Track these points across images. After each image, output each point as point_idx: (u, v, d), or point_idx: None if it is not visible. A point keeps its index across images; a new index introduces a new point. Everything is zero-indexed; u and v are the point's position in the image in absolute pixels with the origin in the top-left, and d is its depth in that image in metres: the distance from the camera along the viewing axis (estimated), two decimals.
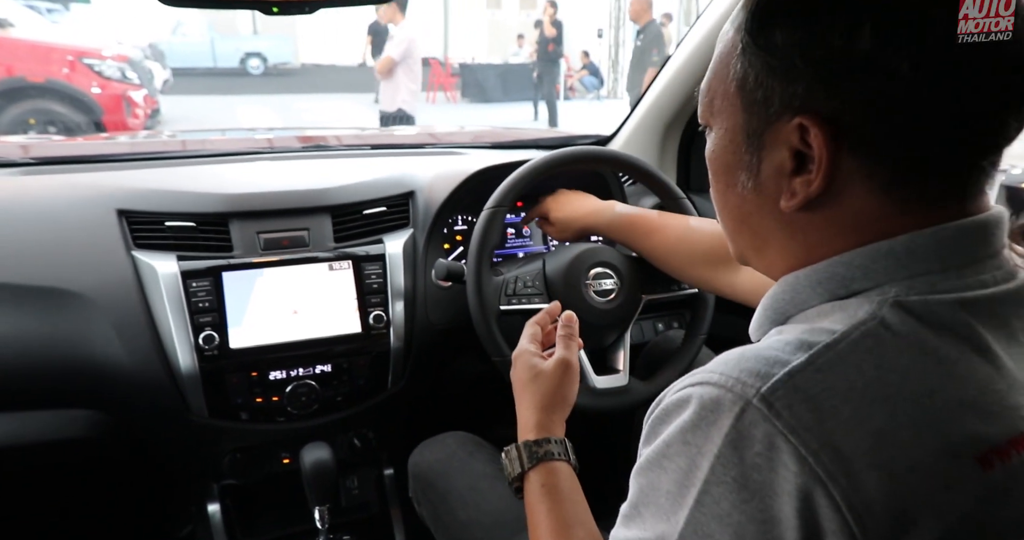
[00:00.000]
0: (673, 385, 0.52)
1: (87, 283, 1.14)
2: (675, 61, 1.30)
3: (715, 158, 0.57)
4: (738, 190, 0.55)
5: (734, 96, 0.53)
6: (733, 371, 0.46)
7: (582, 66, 12.20)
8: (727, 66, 0.53)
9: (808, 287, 0.52)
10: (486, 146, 1.71)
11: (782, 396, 0.44)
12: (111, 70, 7.33)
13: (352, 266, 1.25)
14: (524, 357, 0.90)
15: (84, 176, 1.31)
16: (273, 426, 1.24)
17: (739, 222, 0.58)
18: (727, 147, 0.55)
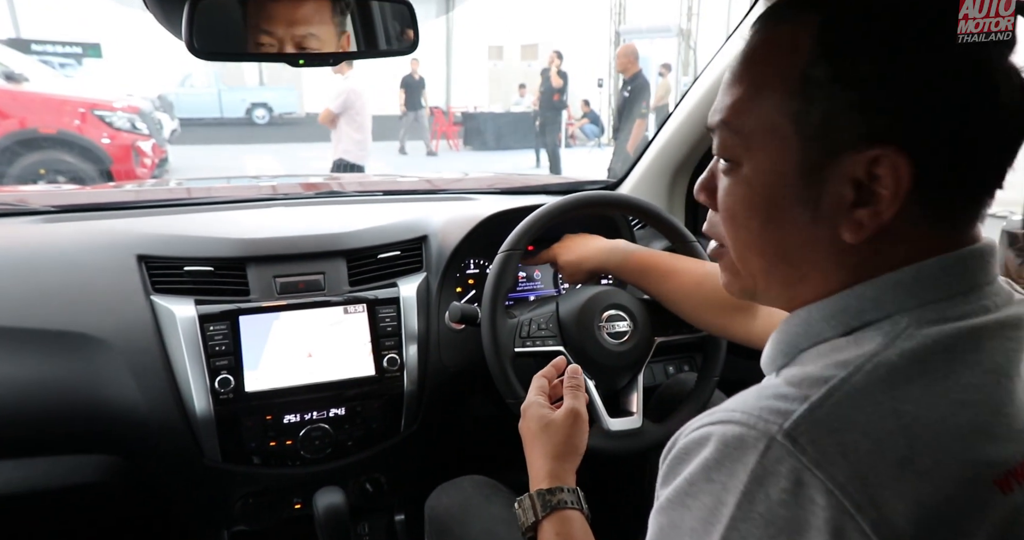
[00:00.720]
0: (688, 425, 0.52)
1: (106, 327, 1.15)
2: (683, 109, 1.34)
3: (751, 194, 0.54)
4: (785, 225, 0.53)
5: (786, 131, 0.51)
6: (753, 409, 0.47)
7: (583, 114, 12.43)
8: (772, 101, 0.51)
9: (821, 320, 0.53)
10: (496, 192, 1.74)
11: (805, 431, 0.44)
12: (121, 121, 7.50)
13: (366, 310, 1.26)
14: (533, 408, 0.93)
15: (104, 223, 1.34)
16: (286, 470, 1.24)
17: (778, 257, 0.55)
18: (771, 182, 0.53)
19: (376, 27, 1.02)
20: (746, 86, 0.53)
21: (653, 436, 1.17)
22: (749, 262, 0.58)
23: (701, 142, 1.36)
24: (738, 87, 0.54)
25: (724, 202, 0.57)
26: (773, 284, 0.58)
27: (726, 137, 0.55)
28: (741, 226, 0.56)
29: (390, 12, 1.00)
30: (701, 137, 1.34)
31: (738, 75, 0.55)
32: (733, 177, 0.55)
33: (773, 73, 0.51)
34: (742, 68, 0.54)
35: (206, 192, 1.65)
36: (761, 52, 0.53)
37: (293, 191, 1.71)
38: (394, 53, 1.02)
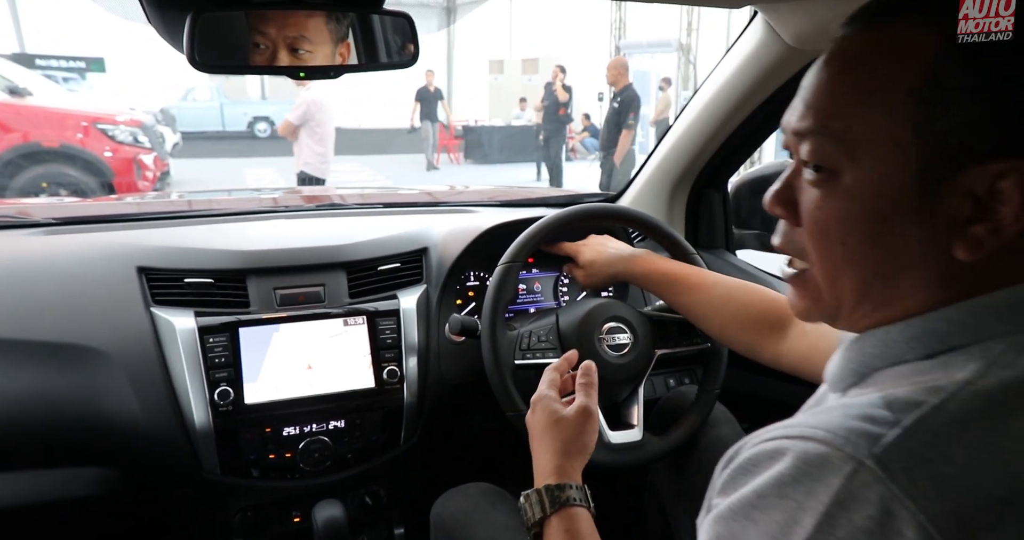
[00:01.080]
0: (755, 436, 0.50)
1: (106, 339, 1.15)
2: (683, 122, 1.35)
3: (853, 207, 0.50)
4: (891, 241, 0.49)
5: (905, 139, 0.47)
6: (838, 428, 0.44)
7: (583, 128, 12.48)
8: (890, 106, 0.47)
9: (902, 342, 0.50)
10: (495, 204, 1.75)
11: (897, 458, 0.42)
12: (124, 135, 7.55)
13: (367, 322, 1.26)
14: (544, 402, 0.92)
15: (105, 235, 1.34)
16: (285, 483, 1.23)
17: (878, 276, 0.51)
18: (880, 194, 0.49)
19: (377, 40, 1.03)
20: (852, 89, 0.49)
21: (654, 449, 1.17)
22: (840, 282, 0.53)
23: (701, 155, 1.36)
24: (840, 89, 0.50)
25: (814, 216, 0.52)
26: (864, 305, 0.53)
27: (821, 144, 0.51)
28: (836, 242, 0.52)
29: (391, 25, 1.00)
30: (701, 150, 1.35)
31: (838, 76, 0.51)
32: (827, 188, 0.51)
33: (891, 76, 0.47)
34: (845, 69, 0.50)
35: (207, 204, 1.66)
36: (873, 53, 0.49)
37: (294, 203, 1.72)
38: (394, 66, 1.02)
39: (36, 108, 7.25)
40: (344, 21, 0.98)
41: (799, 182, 0.54)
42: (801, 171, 0.54)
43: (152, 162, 7.72)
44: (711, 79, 1.25)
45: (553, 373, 0.98)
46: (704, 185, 1.45)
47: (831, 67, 0.52)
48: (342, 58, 0.98)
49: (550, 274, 1.51)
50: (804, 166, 0.53)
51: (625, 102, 6.83)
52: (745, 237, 1.56)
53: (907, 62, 0.47)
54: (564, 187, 9.66)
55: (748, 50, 1.12)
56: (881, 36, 0.49)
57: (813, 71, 0.54)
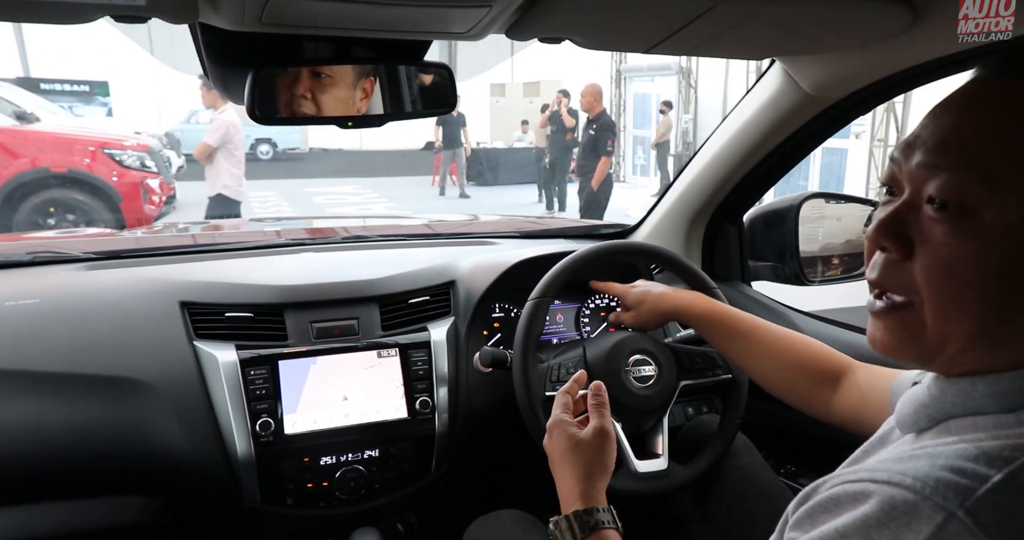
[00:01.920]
0: (835, 476, 0.50)
1: (152, 372, 1.19)
2: (700, 160, 1.41)
3: (992, 248, 0.48)
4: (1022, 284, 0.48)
5: None
6: (928, 478, 0.44)
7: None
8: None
9: (988, 395, 0.50)
10: (516, 236, 1.80)
11: (989, 513, 0.42)
12: (131, 159, 7.62)
13: (399, 353, 1.31)
14: (560, 427, 0.93)
15: (145, 270, 1.39)
16: (320, 511, 1.27)
17: (1002, 322, 0.49)
18: (1018, 236, 0.47)
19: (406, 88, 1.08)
20: (1003, 128, 0.48)
21: (679, 478, 1.21)
22: (954, 324, 0.51)
23: (719, 191, 1.42)
24: (988, 128, 0.49)
25: (938, 254, 0.50)
26: (974, 349, 0.51)
27: (962, 178, 0.49)
28: (961, 283, 0.49)
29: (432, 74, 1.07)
30: (719, 187, 1.41)
31: (986, 117, 0.49)
32: (958, 226, 0.49)
33: None
34: (994, 110, 0.49)
35: (239, 237, 1.71)
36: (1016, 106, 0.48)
37: (322, 236, 1.77)
38: (435, 113, 1.08)
39: (43, 133, 7.34)
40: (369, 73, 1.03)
41: (914, 217, 0.52)
42: (917, 206, 0.52)
43: (158, 186, 7.79)
44: (729, 120, 1.31)
45: (564, 396, 1.00)
46: (721, 219, 1.51)
47: (975, 109, 0.50)
48: (364, 93, 1.04)
49: (572, 306, 1.56)
50: (928, 203, 0.51)
51: (601, 128, 6.83)
52: (759, 269, 1.61)
53: None
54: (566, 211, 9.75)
55: (767, 95, 1.18)
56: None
57: (950, 110, 0.52)
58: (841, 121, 1.18)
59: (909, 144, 0.54)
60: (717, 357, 1.29)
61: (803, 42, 1.02)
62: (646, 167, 12.81)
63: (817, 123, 1.17)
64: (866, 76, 1.04)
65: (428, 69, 1.06)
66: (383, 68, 1.04)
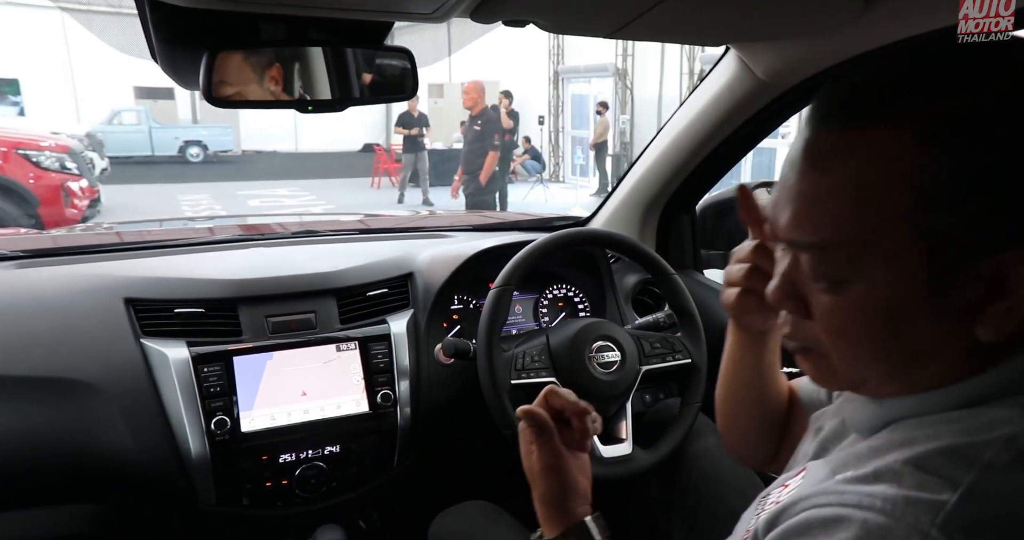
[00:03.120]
0: (808, 498, 0.49)
1: (95, 372, 1.13)
2: (654, 149, 1.43)
3: (869, 310, 0.49)
4: (910, 333, 0.49)
5: (909, 244, 0.46)
6: (896, 499, 0.45)
7: (524, 151, 12.67)
8: (886, 214, 0.47)
9: (939, 404, 0.51)
10: (470, 229, 1.79)
11: (959, 525, 0.43)
12: (49, 161, 7.29)
13: (359, 347, 1.28)
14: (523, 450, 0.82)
15: (85, 266, 1.32)
16: (280, 511, 1.23)
17: (902, 363, 0.51)
18: (894, 295, 0.48)
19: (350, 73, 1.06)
20: (845, 200, 0.48)
21: (644, 461, 1.22)
22: (862, 371, 0.54)
23: (672, 180, 1.44)
24: (828, 203, 0.49)
25: (829, 321, 0.52)
26: (890, 382, 0.53)
27: (825, 259, 0.50)
28: (854, 343, 0.52)
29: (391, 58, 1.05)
30: (673, 175, 1.43)
31: (822, 189, 0.49)
32: (839, 296, 0.51)
33: (878, 186, 0.47)
34: (827, 181, 0.49)
35: (184, 234, 1.64)
36: (858, 160, 0.47)
37: (258, 233, 1.72)
38: (395, 99, 1.07)
39: None
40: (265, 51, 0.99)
41: (801, 277, 0.54)
42: (802, 268, 0.53)
43: (81, 189, 7.45)
44: (683, 109, 1.33)
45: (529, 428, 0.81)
46: (675, 208, 1.53)
47: (809, 171, 0.50)
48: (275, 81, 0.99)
49: (531, 296, 1.56)
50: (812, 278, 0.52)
51: (486, 125, 6.85)
52: (711, 257, 1.65)
53: (894, 167, 0.46)
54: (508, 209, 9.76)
55: (721, 83, 1.20)
56: (862, 143, 0.47)
57: (791, 170, 0.51)
58: (794, 108, 1.21)
59: (775, 205, 0.54)
60: (676, 342, 1.31)
61: (758, 28, 1.04)
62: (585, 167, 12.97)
63: (770, 110, 1.20)
64: (819, 62, 1.07)
65: (388, 53, 1.04)
66: (330, 52, 1.01)
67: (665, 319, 1.39)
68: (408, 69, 1.06)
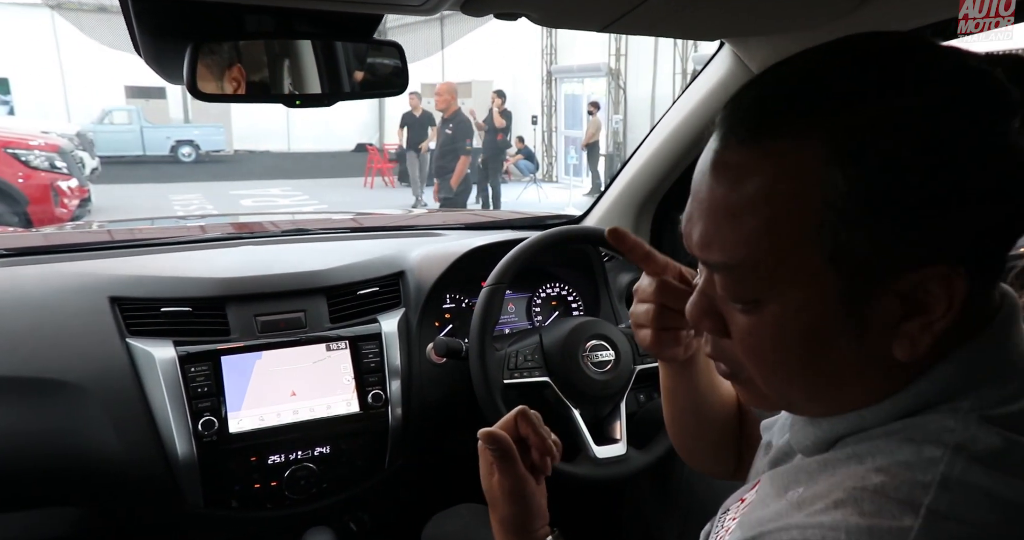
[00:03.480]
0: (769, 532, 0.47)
1: (79, 372, 1.11)
2: (648, 146, 1.41)
3: (783, 332, 0.47)
4: (827, 355, 0.47)
5: (819, 267, 0.44)
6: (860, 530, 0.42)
7: (517, 151, 12.65)
8: (793, 236, 0.44)
9: (877, 423, 0.49)
10: (461, 227, 1.77)
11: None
12: (38, 160, 7.26)
13: (349, 346, 1.26)
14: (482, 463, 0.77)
15: (70, 265, 1.30)
16: (269, 513, 1.21)
17: (820, 385, 0.50)
18: (808, 318, 0.46)
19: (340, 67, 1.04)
20: (749, 220, 0.45)
21: (638, 462, 1.21)
22: (785, 392, 0.52)
23: (667, 178, 1.43)
24: (736, 221, 0.46)
25: (746, 343, 0.50)
26: (816, 404, 0.52)
27: (737, 279, 0.48)
28: (773, 364, 0.50)
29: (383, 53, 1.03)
30: (667, 173, 1.42)
31: (730, 206, 0.46)
32: (753, 316, 0.48)
33: (786, 204, 0.44)
34: (735, 198, 0.46)
35: (173, 232, 1.62)
36: (758, 178, 0.45)
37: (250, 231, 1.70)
38: (384, 94, 1.05)
39: None
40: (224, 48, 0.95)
41: (720, 297, 0.51)
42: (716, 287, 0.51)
43: (71, 189, 7.40)
44: (678, 105, 1.32)
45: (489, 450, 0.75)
46: (668, 207, 1.52)
47: (723, 185, 0.47)
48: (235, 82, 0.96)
49: (523, 295, 1.54)
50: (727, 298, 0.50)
51: (457, 127, 6.57)
52: None
53: (802, 183, 0.44)
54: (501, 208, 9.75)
55: (716, 79, 1.19)
56: (770, 157, 0.44)
57: (705, 183, 0.48)
58: None
59: (687, 219, 0.51)
60: None
61: (753, 22, 1.03)
62: (579, 167, 12.95)
63: None
64: None
65: (377, 47, 1.03)
66: (319, 45, 0.99)
67: None
68: (398, 64, 1.04)
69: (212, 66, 0.92)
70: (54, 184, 7.24)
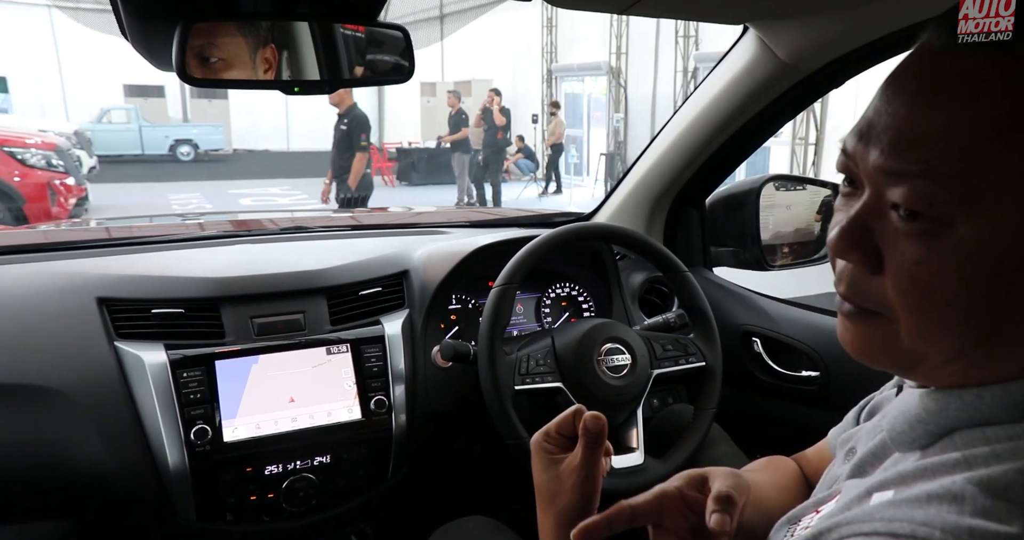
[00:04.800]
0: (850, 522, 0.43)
1: (65, 378, 1.04)
2: (665, 139, 1.35)
3: (970, 265, 0.42)
4: (1012, 300, 0.42)
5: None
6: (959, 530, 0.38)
7: (517, 150, 12.57)
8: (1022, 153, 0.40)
9: (998, 408, 0.44)
10: (466, 225, 1.71)
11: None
12: (35, 158, 7.24)
13: (351, 350, 1.19)
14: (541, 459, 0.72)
15: (55, 264, 1.23)
16: (266, 526, 1.14)
17: (988, 339, 0.44)
18: (1005, 250, 0.41)
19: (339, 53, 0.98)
20: (976, 123, 0.41)
21: (656, 473, 1.14)
22: (935, 342, 0.45)
23: (684, 172, 1.36)
24: (956, 123, 0.42)
25: (912, 273, 0.44)
26: (957, 363, 0.46)
27: (928, 189, 0.42)
28: (940, 303, 0.43)
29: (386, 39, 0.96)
30: (684, 167, 1.35)
31: (951, 106, 0.42)
32: (933, 240, 0.43)
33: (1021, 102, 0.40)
34: (960, 98, 0.42)
35: (166, 230, 1.55)
36: (1000, 80, 0.41)
37: (258, 227, 1.63)
38: (391, 81, 0.98)
39: None
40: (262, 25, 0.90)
41: (879, 223, 0.46)
42: (882, 210, 0.45)
43: (68, 187, 7.35)
44: (697, 95, 1.25)
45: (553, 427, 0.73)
46: (683, 203, 1.46)
47: (932, 93, 0.43)
48: (267, 64, 0.91)
49: (532, 296, 1.48)
50: (893, 209, 0.44)
51: (353, 123, 6.14)
52: (720, 254, 1.57)
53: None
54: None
55: (739, 66, 1.12)
56: (1008, 59, 0.41)
57: (901, 92, 0.45)
58: (818, 92, 1.13)
59: (862, 134, 0.46)
60: (689, 344, 1.23)
61: (780, 4, 0.96)
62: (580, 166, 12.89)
63: (792, 95, 1.12)
64: (845, 43, 0.99)
65: (381, 31, 0.96)
66: (317, 29, 0.92)
67: (676, 319, 1.31)
68: (404, 49, 0.98)
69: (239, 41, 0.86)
70: (51, 182, 7.21)
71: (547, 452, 0.72)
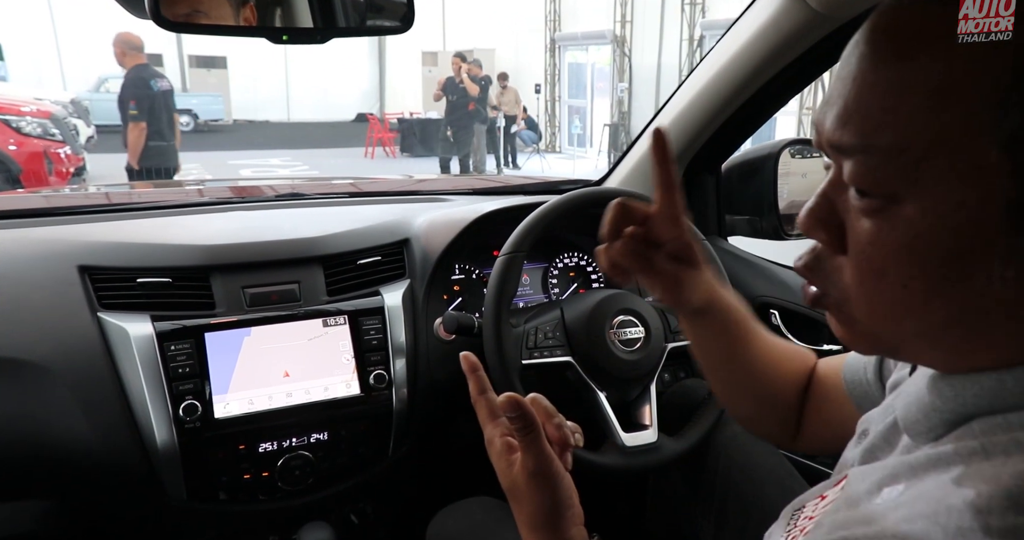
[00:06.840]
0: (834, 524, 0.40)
1: (44, 351, 0.99)
2: (681, 99, 1.26)
3: (920, 243, 0.39)
4: (966, 285, 0.39)
5: (990, 159, 0.36)
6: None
7: (520, 120, 12.40)
8: (965, 117, 0.37)
9: (1018, 391, 0.40)
10: (469, 192, 1.64)
11: None
12: (31, 127, 7.16)
13: (348, 321, 1.13)
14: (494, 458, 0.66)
15: (36, 231, 1.16)
16: (260, 506, 1.09)
17: (944, 324, 0.41)
18: (955, 228, 0.38)
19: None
20: (914, 88, 0.38)
21: (670, 451, 1.09)
22: (898, 328, 0.43)
23: (701, 134, 1.28)
24: (895, 88, 0.38)
25: (866, 253, 0.42)
26: (933, 352, 0.43)
27: (870, 165, 0.40)
28: (894, 285, 0.41)
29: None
30: (702, 128, 1.27)
31: (891, 69, 0.39)
32: (883, 219, 0.40)
33: (972, 70, 0.37)
34: (901, 58, 0.38)
35: (155, 195, 1.48)
36: (941, 38, 0.37)
37: (250, 195, 1.56)
38: (388, 31, 0.90)
39: None
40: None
41: (843, 200, 0.43)
42: (844, 186, 0.43)
43: (65, 156, 7.27)
44: (717, 51, 1.17)
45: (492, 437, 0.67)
46: (698, 168, 1.38)
47: (877, 54, 0.40)
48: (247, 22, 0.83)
49: (539, 266, 1.41)
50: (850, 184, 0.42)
51: (126, 87, 5.26)
52: (736, 223, 1.50)
53: (989, 58, 0.36)
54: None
55: (765, 17, 1.03)
56: (951, 13, 0.37)
57: (851, 56, 0.41)
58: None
59: (825, 103, 0.43)
60: None
61: None
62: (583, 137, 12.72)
63: (824, 47, 1.03)
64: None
65: None
66: None
67: None
68: None
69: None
70: (47, 151, 7.14)
71: (503, 447, 0.64)
